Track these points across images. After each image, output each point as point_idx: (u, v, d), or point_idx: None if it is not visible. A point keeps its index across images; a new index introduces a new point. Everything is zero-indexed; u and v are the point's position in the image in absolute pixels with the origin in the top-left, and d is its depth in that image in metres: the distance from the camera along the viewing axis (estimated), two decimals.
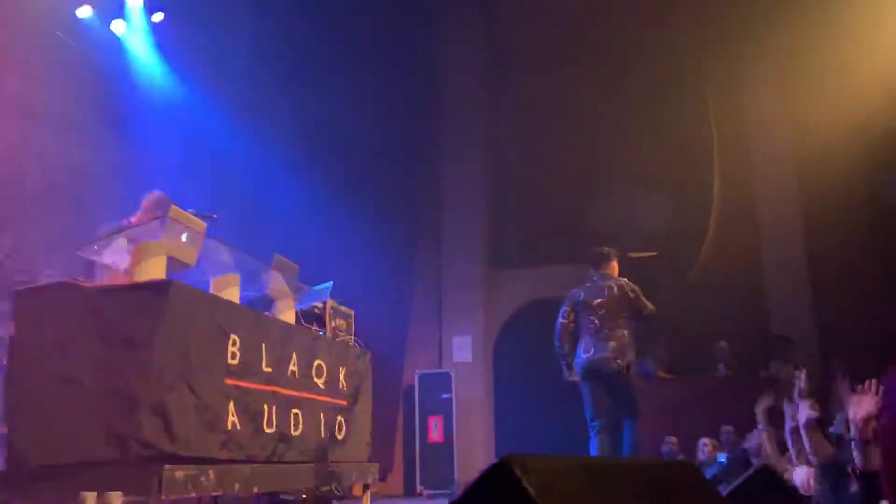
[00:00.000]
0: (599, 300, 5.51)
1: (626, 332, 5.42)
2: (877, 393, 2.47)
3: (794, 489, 3.30)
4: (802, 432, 3.18)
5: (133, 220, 4.66)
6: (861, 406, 2.48)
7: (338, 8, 8.39)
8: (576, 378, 5.53)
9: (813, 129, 9.34)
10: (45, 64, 5.87)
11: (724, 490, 3.03)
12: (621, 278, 5.64)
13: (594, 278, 5.70)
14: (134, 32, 7.54)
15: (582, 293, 5.64)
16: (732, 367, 8.56)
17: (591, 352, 5.40)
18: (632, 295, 5.50)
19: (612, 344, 5.34)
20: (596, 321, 5.46)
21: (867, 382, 2.55)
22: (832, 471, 2.97)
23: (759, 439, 5.16)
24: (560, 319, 5.68)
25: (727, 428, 7.00)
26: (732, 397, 7.41)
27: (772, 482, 3.11)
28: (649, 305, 5.53)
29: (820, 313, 9.17)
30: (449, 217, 10.45)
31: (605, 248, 5.81)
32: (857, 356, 8.77)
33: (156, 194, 4.79)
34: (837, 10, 8.33)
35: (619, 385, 5.34)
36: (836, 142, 9.06)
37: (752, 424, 5.89)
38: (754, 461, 5.12)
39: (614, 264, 5.74)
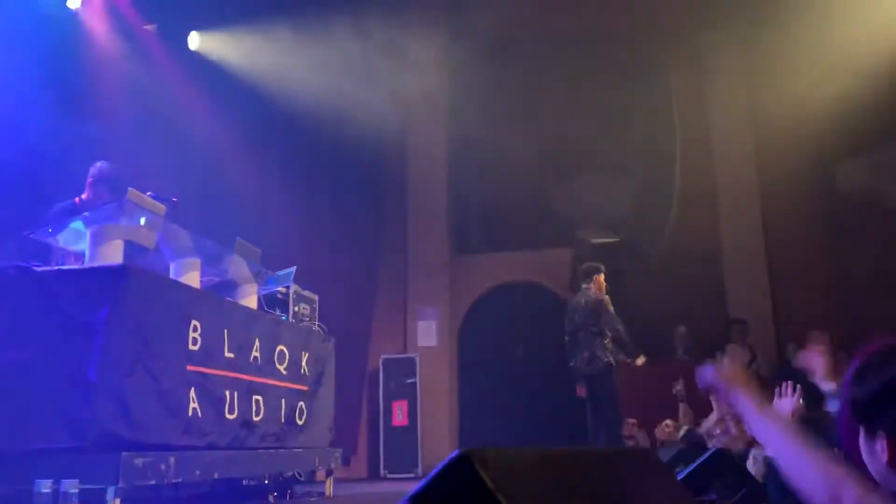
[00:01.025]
0: (574, 314, 6.11)
1: (598, 340, 5.93)
2: (792, 395, 2.62)
3: (747, 472, 3.39)
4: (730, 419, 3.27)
5: (84, 196, 4.46)
6: (782, 407, 2.60)
7: None
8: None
9: (772, 118, 9.52)
10: None
11: (681, 473, 3.10)
12: (595, 293, 6.07)
13: (579, 293, 6.23)
14: (90, 7, 7.31)
15: (569, 308, 6.27)
16: (691, 352, 8.73)
17: (573, 362, 6.09)
18: (596, 308, 5.99)
19: (584, 353, 5.93)
20: (576, 333, 6.06)
21: (784, 385, 2.68)
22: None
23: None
24: (567, 327, 6.27)
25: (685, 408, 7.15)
26: (691, 381, 7.55)
27: (726, 465, 3.19)
28: (612, 323, 6.01)
29: (776, 299, 9.39)
30: (413, 202, 10.42)
31: (589, 264, 6.34)
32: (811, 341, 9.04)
33: (100, 166, 4.54)
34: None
35: (594, 388, 5.96)
36: (794, 131, 9.25)
37: (708, 408, 6.01)
38: (710, 444, 5.24)
39: (597, 278, 6.16)
